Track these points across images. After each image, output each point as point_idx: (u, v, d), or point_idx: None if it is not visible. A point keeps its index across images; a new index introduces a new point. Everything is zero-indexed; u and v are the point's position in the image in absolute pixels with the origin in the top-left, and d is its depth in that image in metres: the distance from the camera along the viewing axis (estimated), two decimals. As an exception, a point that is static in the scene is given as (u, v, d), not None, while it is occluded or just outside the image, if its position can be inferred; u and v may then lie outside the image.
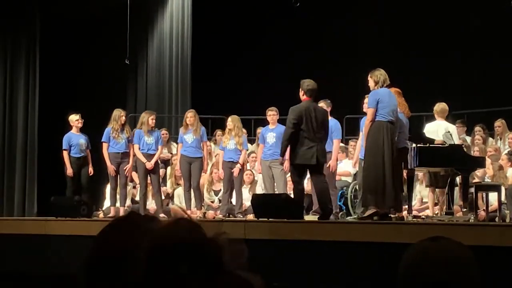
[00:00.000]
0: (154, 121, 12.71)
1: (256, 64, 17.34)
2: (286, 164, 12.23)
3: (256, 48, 17.46)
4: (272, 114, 12.46)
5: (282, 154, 10.81)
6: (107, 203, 13.53)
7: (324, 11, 16.86)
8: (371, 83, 9.87)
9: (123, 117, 12.76)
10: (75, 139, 12.88)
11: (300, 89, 10.64)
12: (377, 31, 16.37)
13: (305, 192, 12.69)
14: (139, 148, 12.56)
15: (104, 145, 12.69)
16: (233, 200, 12.75)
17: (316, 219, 10.28)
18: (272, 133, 12.35)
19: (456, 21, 15.74)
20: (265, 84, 16.78)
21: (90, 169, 12.91)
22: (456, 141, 10.80)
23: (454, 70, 15.65)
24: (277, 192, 11.81)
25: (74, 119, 12.97)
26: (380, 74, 9.81)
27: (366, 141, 9.76)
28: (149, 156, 12.54)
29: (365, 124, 9.83)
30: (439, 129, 10.70)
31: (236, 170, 12.54)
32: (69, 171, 12.75)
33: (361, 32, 16.48)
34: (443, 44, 15.90)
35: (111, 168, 12.61)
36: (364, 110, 11.20)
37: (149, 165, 12.47)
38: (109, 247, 1.89)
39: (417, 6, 15.98)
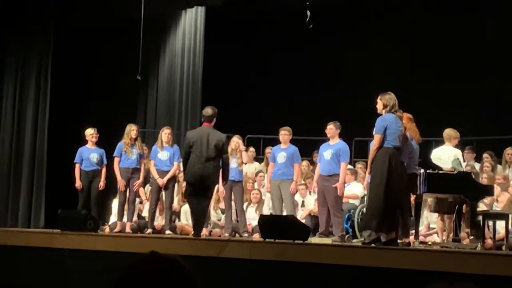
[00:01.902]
0: (168, 136, 12.72)
1: (267, 83, 17.36)
2: (293, 185, 12.27)
3: (268, 68, 17.49)
4: (284, 134, 12.48)
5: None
6: (113, 218, 13.54)
7: (336, 32, 16.88)
8: (379, 106, 9.83)
9: (135, 132, 12.79)
10: (87, 152, 12.94)
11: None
12: (389, 55, 16.37)
13: (312, 214, 12.75)
14: (154, 164, 12.60)
15: (116, 160, 12.73)
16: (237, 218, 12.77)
17: (323, 242, 10.29)
18: (283, 152, 12.36)
19: (469, 46, 15.74)
20: (276, 103, 16.80)
21: (101, 183, 12.92)
22: (463, 167, 10.79)
23: (465, 96, 15.63)
24: (284, 213, 11.82)
25: (89, 133, 13.03)
26: (390, 98, 9.78)
27: (371, 167, 9.75)
28: (161, 173, 12.54)
29: (371, 149, 9.81)
30: (443, 155, 10.70)
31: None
32: (77, 183, 12.80)
33: (373, 55, 16.48)
34: (455, 70, 15.88)
35: (121, 182, 12.63)
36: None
37: (161, 182, 12.48)
38: (134, 283, 1.87)
39: (431, 32, 15.99)
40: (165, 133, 12.76)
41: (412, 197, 10.54)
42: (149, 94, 17.51)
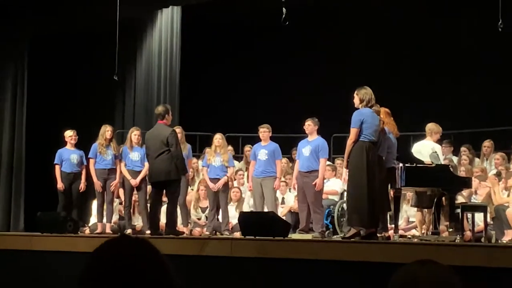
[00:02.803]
0: (138, 137, 12.72)
1: (244, 82, 17.37)
2: (277, 182, 12.30)
3: (245, 66, 17.50)
4: (264, 131, 12.49)
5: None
6: (93, 219, 13.51)
7: (312, 29, 16.92)
8: (356, 100, 9.85)
9: (109, 133, 12.76)
10: (66, 154, 12.91)
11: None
12: (366, 50, 16.43)
13: (292, 210, 12.77)
14: (125, 165, 12.60)
15: (91, 161, 12.72)
16: (220, 217, 12.75)
17: (303, 238, 10.31)
18: (264, 150, 12.38)
19: (446, 42, 15.83)
20: (254, 101, 16.82)
21: (82, 185, 12.89)
22: (442, 161, 10.85)
23: (442, 90, 15.72)
24: (266, 210, 11.84)
25: (68, 135, 13.00)
26: (366, 93, 9.80)
27: (348, 161, 9.77)
28: (134, 173, 12.55)
29: (347, 143, 9.83)
30: (423, 149, 10.74)
31: (220, 183, 12.55)
32: (59, 185, 12.76)
33: (349, 50, 16.54)
34: (432, 64, 15.98)
35: (97, 184, 12.61)
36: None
37: (134, 182, 12.48)
38: (104, 265, 1.87)
39: (407, 26, 16.05)
40: (134, 134, 12.79)
41: (391, 191, 10.58)
42: (126, 94, 17.46)
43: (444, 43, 15.83)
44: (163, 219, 11.62)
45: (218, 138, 12.83)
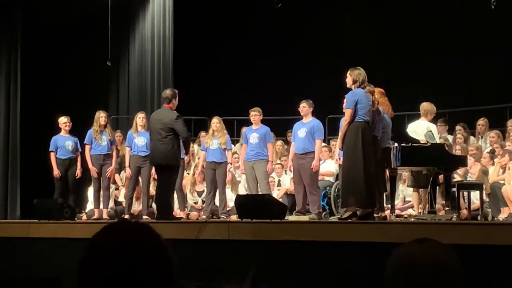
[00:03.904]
0: (143, 120, 12.67)
1: (238, 65, 17.35)
2: (269, 165, 12.30)
3: (238, 49, 17.47)
4: (254, 115, 12.48)
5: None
6: (89, 205, 13.52)
7: (306, 11, 16.89)
8: (349, 81, 9.82)
9: (104, 118, 12.73)
10: (61, 141, 12.88)
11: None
12: (359, 31, 16.41)
13: (288, 192, 12.79)
14: (131, 150, 12.56)
15: (87, 147, 12.70)
16: (217, 201, 12.76)
17: (300, 219, 10.32)
18: (255, 133, 12.37)
19: (438, 20, 15.81)
20: (248, 84, 16.79)
21: (78, 172, 12.88)
22: (437, 140, 10.86)
23: (435, 69, 15.72)
24: (260, 193, 11.85)
25: (62, 121, 12.97)
26: (359, 73, 9.78)
27: (343, 142, 9.75)
28: (139, 158, 12.47)
29: (342, 124, 9.81)
30: (418, 129, 10.74)
31: (227, 171, 12.63)
32: (56, 172, 12.74)
33: (343, 32, 16.52)
34: (425, 43, 15.96)
35: (93, 170, 12.61)
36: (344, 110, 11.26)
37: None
38: (104, 250, 1.87)
39: (399, 6, 16.03)
40: (139, 118, 12.73)
41: (387, 171, 10.59)
42: (120, 80, 17.44)
43: (437, 20, 15.80)
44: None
45: (215, 122, 12.81)
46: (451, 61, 15.59)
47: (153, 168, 12.01)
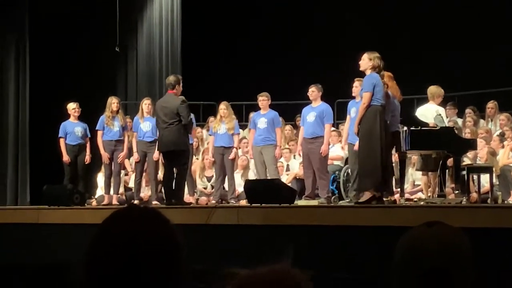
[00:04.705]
0: (149, 106, 12.69)
1: (247, 50, 17.32)
2: (278, 150, 12.30)
3: (247, 34, 17.43)
4: (263, 100, 12.47)
5: None
6: (99, 191, 13.54)
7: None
8: (366, 64, 9.71)
9: (116, 104, 12.75)
10: (70, 127, 12.90)
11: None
12: (367, 14, 16.34)
13: (297, 177, 12.78)
14: (137, 136, 12.59)
15: (99, 133, 12.72)
16: (226, 186, 12.77)
17: (309, 204, 10.32)
18: (263, 118, 12.36)
19: (445, 2, 15.73)
20: (256, 69, 16.76)
21: (87, 157, 12.90)
22: (446, 123, 10.82)
23: (444, 52, 15.63)
24: (268, 177, 11.84)
25: (71, 107, 12.99)
26: (379, 59, 9.69)
27: (360, 126, 9.68)
28: (145, 144, 12.51)
29: (360, 108, 9.73)
30: (428, 113, 10.70)
31: (232, 154, 12.59)
32: (65, 158, 12.77)
33: (351, 15, 16.45)
34: (433, 26, 15.88)
35: (105, 155, 12.63)
36: (354, 94, 11.20)
37: (156, 156, 12.50)
38: (113, 236, 1.87)
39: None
40: (145, 104, 12.76)
41: (396, 155, 10.57)
42: (129, 66, 17.44)
43: (443, 2, 15.72)
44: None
45: (223, 108, 12.81)
46: (460, 44, 15.50)
47: (159, 154, 12.05)
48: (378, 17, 16.31)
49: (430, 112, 10.70)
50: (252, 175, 13.06)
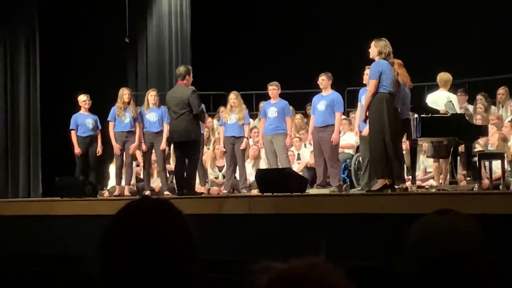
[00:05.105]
0: (155, 97, 12.72)
1: (256, 39, 17.30)
2: (288, 139, 12.30)
3: (256, 23, 17.41)
4: (273, 89, 12.46)
5: None
6: (111, 182, 13.58)
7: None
8: (373, 51, 9.71)
9: (127, 95, 12.76)
10: (81, 118, 12.94)
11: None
12: (376, 2, 16.29)
13: (308, 166, 12.79)
14: (143, 127, 12.62)
15: (110, 124, 12.74)
16: (237, 175, 12.79)
17: (320, 192, 10.32)
18: (273, 107, 12.35)
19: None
20: (266, 58, 16.74)
21: (99, 149, 12.94)
22: (458, 110, 10.79)
23: (454, 38, 15.58)
24: (280, 166, 11.86)
25: (82, 99, 13.02)
26: (386, 45, 9.67)
27: (368, 113, 9.68)
28: (152, 134, 12.56)
29: (367, 95, 9.74)
30: (439, 100, 10.68)
31: (243, 145, 12.59)
32: (77, 150, 12.81)
33: (360, 3, 16.40)
34: (443, 12, 15.83)
35: (116, 147, 12.65)
36: (365, 81, 11.18)
37: (163, 147, 12.54)
38: (126, 228, 1.88)
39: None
40: (151, 95, 12.82)
41: (407, 143, 10.55)
42: (138, 56, 17.45)
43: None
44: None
45: (232, 98, 12.81)
46: (469, 29, 15.45)
47: (168, 144, 12.12)
48: (388, 2, 16.25)
49: (441, 99, 10.67)
50: (263, 165, 13.07)
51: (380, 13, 16.00)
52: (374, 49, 9.71)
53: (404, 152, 10.94)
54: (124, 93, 12.75)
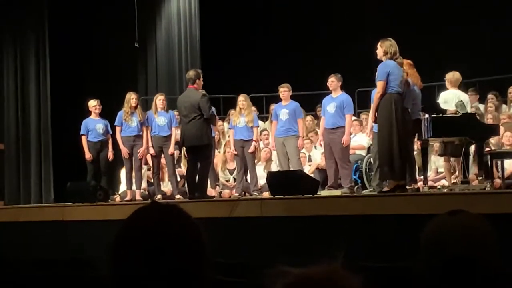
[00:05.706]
0: (163, 102, 12.74)
1: (265, 41, 17.30)
2: (300, 141, 12.29)
3: (265, 25, 17.42)
4: (284, 91, 12.45)
5: None
6: (122, 187, 13.59)
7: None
8: (380, 52, 9.71)
9: (134, 100, 12.77)
10: (92, 124, 12.95)
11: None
12: (385, 2, 16.27)
13: (320, 168, 12.77)
14: (151, 131, 12.64)
15: (117, 129, 12.76)
16: (248, 178, 12.79)
17: (332, 194, 10.31)
18: (285, 109, 12.35)
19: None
20: (276, 60, 16.75)
21: (110, 154, 12.96)
22: (469, 110, 10.76)
23: (464, 37, 15.55)
24: (291, 169, 11.84)
25: (92, 104, 13.03)
26: (391, 45, 9.68)
27: (376, 114, 9.67)
28: (160, 138, 12.57)
29: (375, 97, 9.72)
30: (449, 99, 10.65)
31: (252, 148, 12.58)
32: (88, 155, 12.82)
33: (369, 3, 16.39)
34: (452, 11, 15.80)
35: (124, 151, 12.66)
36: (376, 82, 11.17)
37: (171, 151, 12.54)
38: (136, 233, 1.88)
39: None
40: (159, 100, 12.81)
41: (418, 143, 10.52)
42: (148, 61, 17.49)
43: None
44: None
45: (241, 100, 12.80)
46: (479, 28, 15.40)
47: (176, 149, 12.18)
48: (398, 3, 16.22)
49: (452, 98, 10.65)
50: (274, 167, 13.07)
51: (389, 13, 15.97)
52: (380, 49, 9.72)
53: (415, 152, 10.92)
54: (131, 98, 12.77)
